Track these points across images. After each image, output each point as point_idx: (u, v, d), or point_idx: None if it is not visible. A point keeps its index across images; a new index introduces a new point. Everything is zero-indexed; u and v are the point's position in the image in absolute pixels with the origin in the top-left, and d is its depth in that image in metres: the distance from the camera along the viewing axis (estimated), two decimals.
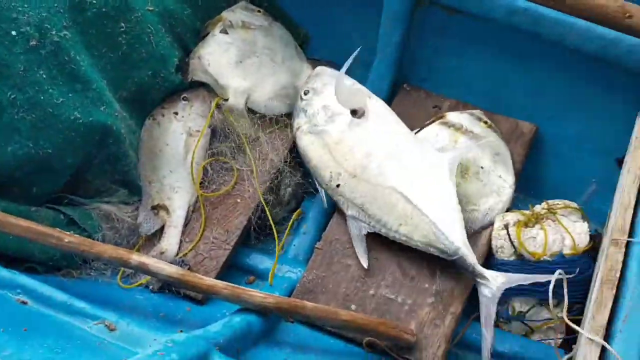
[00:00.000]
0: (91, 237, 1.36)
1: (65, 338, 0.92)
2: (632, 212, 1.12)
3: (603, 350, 1.01)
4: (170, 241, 1.48)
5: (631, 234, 1.10)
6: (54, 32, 1.31)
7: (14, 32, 1.27)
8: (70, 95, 1.35)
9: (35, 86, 1.30)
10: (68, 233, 1.29)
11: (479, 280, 1.30)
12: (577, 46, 1.43)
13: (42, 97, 1.31)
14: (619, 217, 1.12)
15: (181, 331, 1.10)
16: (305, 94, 1.56)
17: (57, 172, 1.40)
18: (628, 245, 1.10)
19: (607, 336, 1.02)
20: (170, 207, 1.52)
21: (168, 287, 1.40)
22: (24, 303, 1.04)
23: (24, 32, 1.28)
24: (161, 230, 1.50)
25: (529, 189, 1.55)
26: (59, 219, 1.40)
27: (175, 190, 1.54)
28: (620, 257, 1.08)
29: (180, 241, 1.49)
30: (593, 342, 1.01)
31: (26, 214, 1.34)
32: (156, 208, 1.52)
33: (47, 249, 1.31)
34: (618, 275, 1.06)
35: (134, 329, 1.03)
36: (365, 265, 1.40)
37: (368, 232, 1.42)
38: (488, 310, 1.28)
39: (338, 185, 1.45)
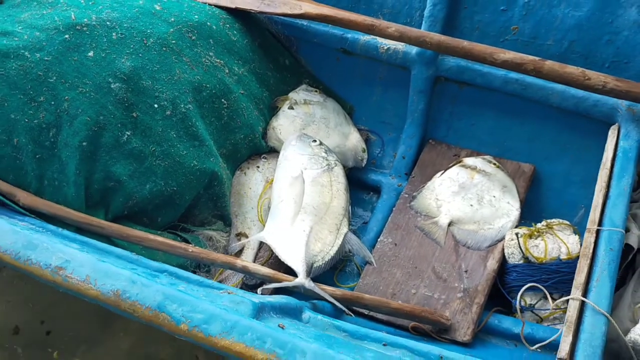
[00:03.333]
0: None
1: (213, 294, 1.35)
2: (600, 210, 1.56)
3: (583, 305, 1.41)
4: (247, 259, 1.87)
5: (600, 225, 1.53)
6: (182, 106, 1.80)
7: (155, 105, 1.76)
8: (191, 149, 1.81)
9: (168, 142, 1.77)
10: (191, 245, 1.77)
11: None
12: (558, 104, 1.88)
13: (172, 150, 1.78)
14: (591, 214, 1.56)
15: None
16: None
17: (177, 206, 1.84)
18: (598, 232, 1.52)
19: (585, 294, 1.42)
20: (249, 235, 1.94)
21: (245, 289, 1.82)
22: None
23: (163, 105, 1.77)
24: (242, 250, 1.92)
25: (532, 214, 1.94)
26: (176, 240, 1.84)
27: (254, 222, 2.01)
28: (592, 240, 1.50)
29: (255, 258, 1.90)
30: (575, 299, 1.41)
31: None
32: (239, 235, 1.96)
33: (169, 259, 1.72)
34: (591, 251, 1.48)
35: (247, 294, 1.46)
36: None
37: None
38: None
39: None
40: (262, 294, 1.48)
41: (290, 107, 2.21)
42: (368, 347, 1.29)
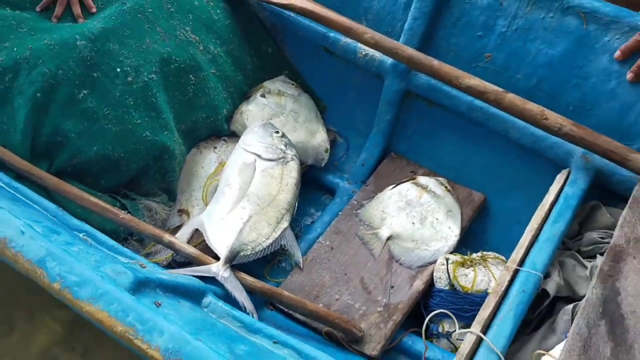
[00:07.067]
0: None
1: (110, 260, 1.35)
2: (524, 250, 1.54)
3: (481, 341, 1.40)
4: (183, 236, 1.86)
5: (520, 265, 1.52)
6: (145, 74, 1.80)
7: (118, 69, 1.77)
8: (146, 119, 1.81)
9: (123, 108, 1.77)
10: (123, 211, 1.77)
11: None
12: (517, 139, 1.85)
13: (126, 117, 1.78)
14: (514, 253, 1.54)
15: None
16: None
17: (122, 172, 1.84)
18: (516, 272, 1.51)
19: (486, 330, 1.41)
20: (191, 213, 1.95)
21: (174, 266, 1.82)
22: (86, 240, 1.48)
23: (125, 70, 1.77)
24: (180, 227, 1.92)
25: (471, 242, 1.93)
26: (115, 204, 1.82)
27: (198, 201, 2.00)
28: (508, 278, 1.48)
29: (191, 237, 1.88)
30: (472, 333, 1.40)
31: (93, 196, 1.78)
32: (181, 211, 1.97)
33: (103, 222, 1.73)
34: (503, 289, 1.46)
35: (161, 269, 1.47)
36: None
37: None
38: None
39: None
40: None
41: (263, 95, 2.21)
42: (255, 340, 1.29)
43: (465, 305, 1.74)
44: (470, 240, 1.95)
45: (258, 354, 1.16)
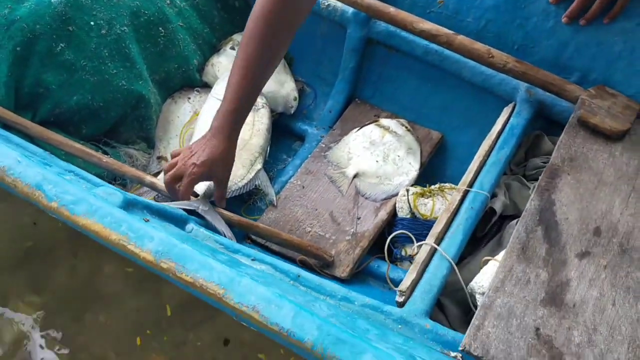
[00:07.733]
0: None
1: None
2: (473, 174, 1.72)
3: (435, 252, 1.58)
4: (162, 180, 2.02)
5: (469, 187, 1.69)
6: (117, 27, 1.91)
7: (92, 23, 1.87)
8: (121, 69, 1.92)
9: (99, 59, 1.88)
10: (106, 156, 1.90)
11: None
12: (469, 78, 2.01)
13: (103, 67, 1.89)
14: (464, 177, 1.72)
15: None
16: None
17: (102, 121, 1.96)
18: (465, 193, 1.68)
19: (438, 242, 1.59)
20: (170, 159, 2.11)
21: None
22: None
23: (99, 24, 1.88)
24: (160, 172, 2.04)
25: (431, 176, 2.08)
26: (97, 151, 2.00)
27: (176, 148, 2.13)
28: (458, 198, 1.66)
29: None
30: (427, 244, 1.57)
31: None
32: (160, 158, 2.10)
33: (87, 167, 1.83)
34: (454, 207, 1.64)
35: None
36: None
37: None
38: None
39: None
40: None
41: (232, 48, 2.32)
42: (236, 258, 1.45)
43: (424, 230, 1.90)
44: (430, 174, 2.11)
45: (237, 263, 1.31)
